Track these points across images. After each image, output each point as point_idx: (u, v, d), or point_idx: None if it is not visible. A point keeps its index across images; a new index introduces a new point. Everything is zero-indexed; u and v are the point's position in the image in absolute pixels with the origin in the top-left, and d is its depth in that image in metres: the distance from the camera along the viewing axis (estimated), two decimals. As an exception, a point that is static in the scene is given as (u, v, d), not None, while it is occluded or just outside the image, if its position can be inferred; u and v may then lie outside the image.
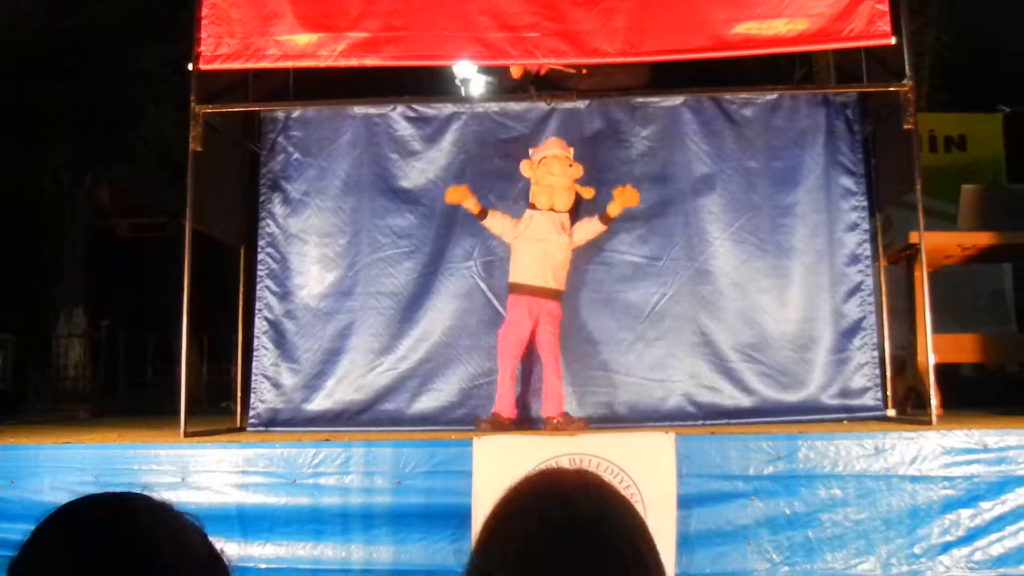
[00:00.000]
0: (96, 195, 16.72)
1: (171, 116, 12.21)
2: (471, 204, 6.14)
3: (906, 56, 5.78)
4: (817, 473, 4.85)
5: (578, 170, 6.14)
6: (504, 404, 5.96)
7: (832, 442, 4.88)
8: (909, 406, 6.39)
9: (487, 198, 6.46)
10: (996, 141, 10.76)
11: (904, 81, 5.78)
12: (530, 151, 6.23)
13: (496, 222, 6.17)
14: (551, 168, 6.03)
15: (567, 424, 5.81)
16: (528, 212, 6.12)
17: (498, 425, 5.82)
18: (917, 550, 4.75)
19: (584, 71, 6.55)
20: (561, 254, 6.07)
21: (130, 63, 13.32)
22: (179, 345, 6.18)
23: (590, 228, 6.17)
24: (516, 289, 6.06)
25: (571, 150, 6.18)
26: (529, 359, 6.27)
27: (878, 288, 6.66)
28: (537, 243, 6.02)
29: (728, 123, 6.71)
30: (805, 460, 4.86)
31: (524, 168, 6.15)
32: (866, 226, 6.59)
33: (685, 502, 4.83)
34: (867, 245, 6.57)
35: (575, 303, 6.54)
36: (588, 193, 6.20)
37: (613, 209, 6.08)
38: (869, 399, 6.42)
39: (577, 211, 6.30)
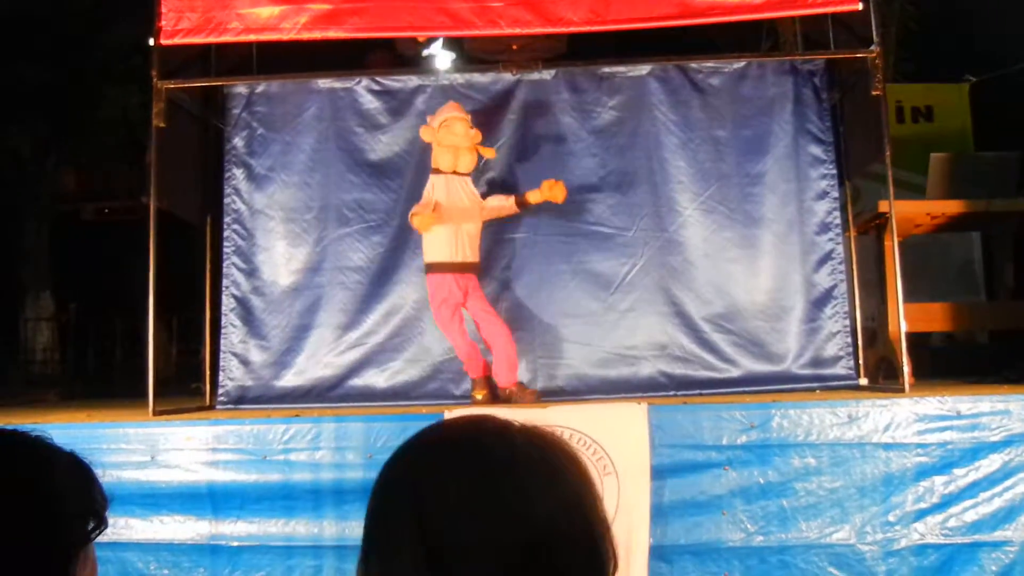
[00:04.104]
0: (60, 179, 16.54)
1: (135, 97, 12.06)
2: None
3: (873, 22, 5.74)
4: (791, 442, 4.84)
5: (477, 135, 6.05)
6: (475, 368, 5.97)
7: (805, 411, 4.87)
8: (881, 376, 6.39)
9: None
10: (963, 111, 10.77)
11: (871, 47, 5.76)
12: (428, 119, 6.17)
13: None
14: (453, 128, 5.97)
15: (520, 394, 5.80)
16: (431, 180, 6.02)
17: (485, 386, 5.90)
18: (891, 518, 4.77)
19: (515, 46, 6.52)
20: (474, 225, 6.00)
21: (93, 43, 13.16)
22: (147, 326, 6.10)
23: (503, 207, 6.11)
24: (436, 268, 5.93)
25: (469, 116, 6.11)
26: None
27: (848, 258, 6.66)
28: (450, 217, 5.89)
29: (695, 92, 6.69)
30: (778, 429, 4.85)
31: (424, 134, 6.06)
32: (835, 194, 6.59)
33: (659, 473, 4.82)
34: (837, 213, 6.57)
35: (544, 275, 6.54)
36: (489, 153, 6.16)
37: (534, 197, 6.01)
38: (841, 368, 6.43)
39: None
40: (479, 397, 5.89)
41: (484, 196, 6.18)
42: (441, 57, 7.88)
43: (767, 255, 6.53)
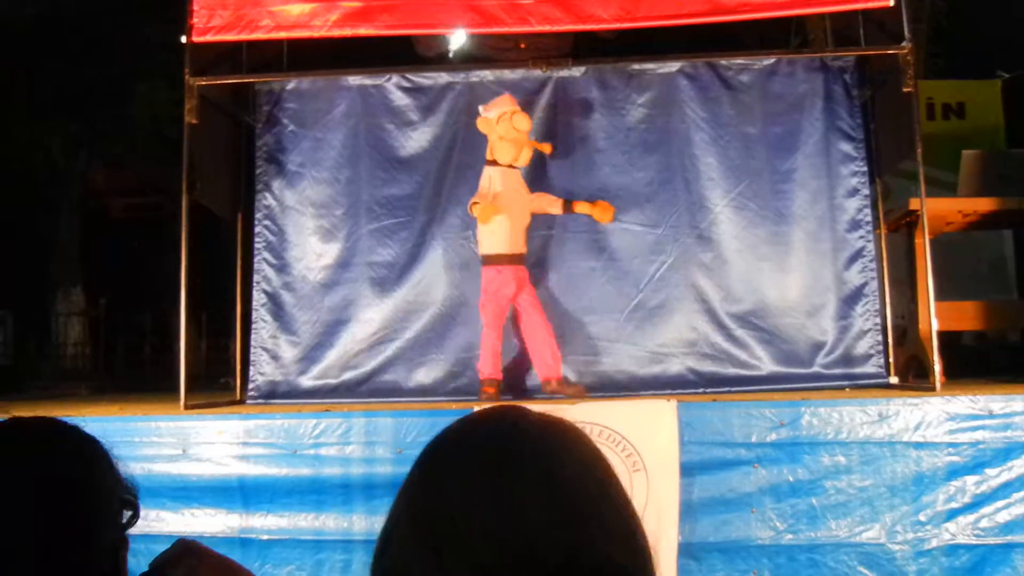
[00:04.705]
0: (90, 175, 16.67)
1: (164, 94, 12.15)
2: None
3: (904, 18, 5.71)
4: (820, 440, 4.81)
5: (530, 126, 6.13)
6: (494, 366, 5.94)
7: (835, 408, 4.83)
8: (911, 375, 6.35)
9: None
10: (995, 107, 10.68)
11: (903, 44, 5.73)
12: (480, 108, 6.18)
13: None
14: (517, 123, 5.98)
15: (564, 388, 5.81)
16: (488, 172, 6.05)
17: (499, 387, 5.86)
18: (922, 517, 4.72)
19: (523, 45, 6.53)
20: (527, 217, 6.07)
21: (123, 41, 13.23)
22: (177, 322, 6.15)
23: (550, 206, 6.16)
24: (494, 260, 5.96)
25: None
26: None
27: (879, 256, 6.62)
28: (507, 209, 5.93)
29: (725, 89, 6.68)
30: (808, 427, 4.82)
31: (482, 125, 6.08)
32: (866, 191, 6.57)
33: (688, 470, 4.81)
34: (867, 211, 6.55)
35: (573, 272, 6.56)
36: (547, 148, 6.21)
37: (581, 208, 6.08)
38: (871, 366, 6.41)
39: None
40: (490, 393, 5.90)
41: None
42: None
43: (797, 252, 6.51)
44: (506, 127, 5.97)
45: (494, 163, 6.04)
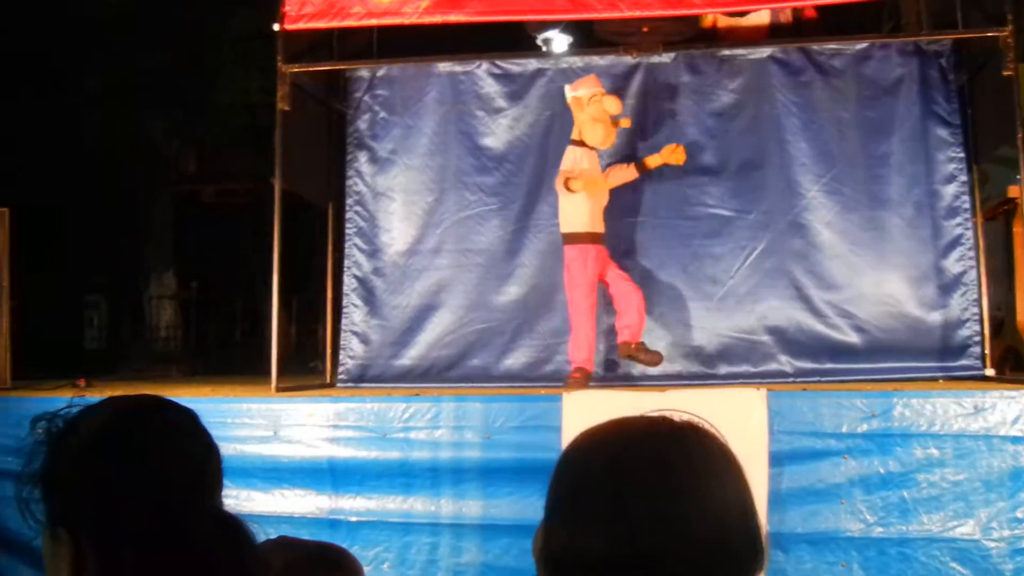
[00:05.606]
0: (182, 162, 16.98)
1: (256, 81, 12.30)
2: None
3: (1005, -1, 5.58)
4: (913, 432, 4.74)
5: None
6: (588, 355, 5.87)
7: (929, 400, 4.76)
8: (1007, 367, 6.21)
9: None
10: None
11: (1003, 26, 5.58)
12: (566, 88, 6.13)
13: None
14: (608, 105, 5.91)
15: (641, 352, 5.77)
16: (573, 152, 5.97)
17: (588, 378, 5.80)
18: (1020, 514, 4.63)
19: (645, 28, 6.48)
20: (606, 197, 6.00)
21: (215, 28, 13.43)
22: (268, 305, 6.25)
23: (625, 175, 6.10)
24: (577, 239, 5.90)
25: None
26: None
27: (976, 244, 6.47)
28: (592, 189, 5.87)
29: (817, 74, 6.55)
30: (900, 418, 4.76)
31: (573, 104, 5.98)
32: (963, 178, 6.39)
33: (777, 459, 4.78)
34: (965, 198, 6.37)
35: (664, 258, 6.52)
36: (626, 123, 6.13)
37: (653, 161, 6.01)
38: (968, 357, 6.24)
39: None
40: (577, 379, 5.78)
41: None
42: (559, 40, 7.88)
43: (893, 239, 6.37)
44: (597, 108, 5.90)
45: (581, 143, 5.97)
